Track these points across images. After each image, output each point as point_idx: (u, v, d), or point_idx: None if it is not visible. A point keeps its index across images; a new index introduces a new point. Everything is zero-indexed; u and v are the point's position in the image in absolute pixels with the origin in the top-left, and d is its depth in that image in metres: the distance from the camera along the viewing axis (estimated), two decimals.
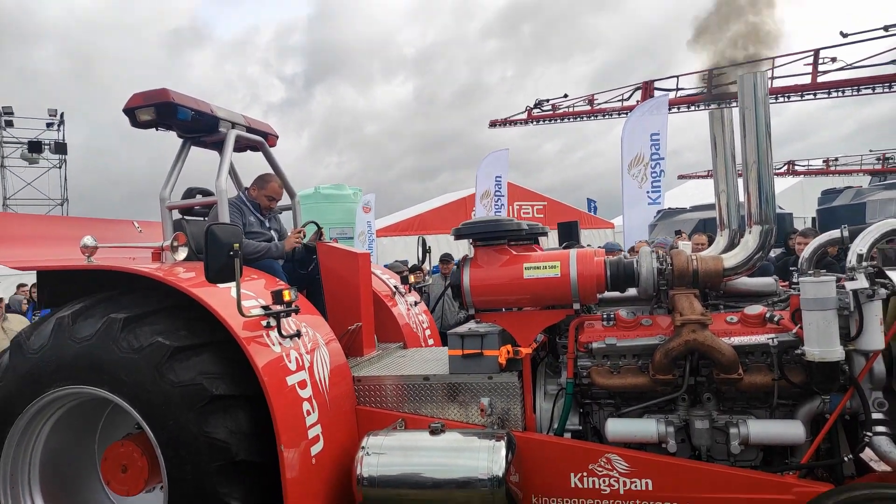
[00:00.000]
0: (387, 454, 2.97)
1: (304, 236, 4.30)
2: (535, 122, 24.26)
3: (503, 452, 2.85)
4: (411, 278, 5.09)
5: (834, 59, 14.27)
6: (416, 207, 24.36)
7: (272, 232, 4.33)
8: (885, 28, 13.06)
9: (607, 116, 20.95)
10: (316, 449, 3.00)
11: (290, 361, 3.03)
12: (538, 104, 23.46)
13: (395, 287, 5.01)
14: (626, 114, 20.36)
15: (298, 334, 3.18)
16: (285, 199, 4.56)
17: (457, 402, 3.37)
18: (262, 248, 4.05)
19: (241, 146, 4.38)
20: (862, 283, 2.67)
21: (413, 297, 5.21)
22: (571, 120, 22.85)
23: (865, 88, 14.11)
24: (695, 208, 13.59)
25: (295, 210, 4.65)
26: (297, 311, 3.21)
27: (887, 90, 13.87)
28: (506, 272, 3.29)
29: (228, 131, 4.01)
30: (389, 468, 2.93)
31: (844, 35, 14.00)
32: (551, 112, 23.27)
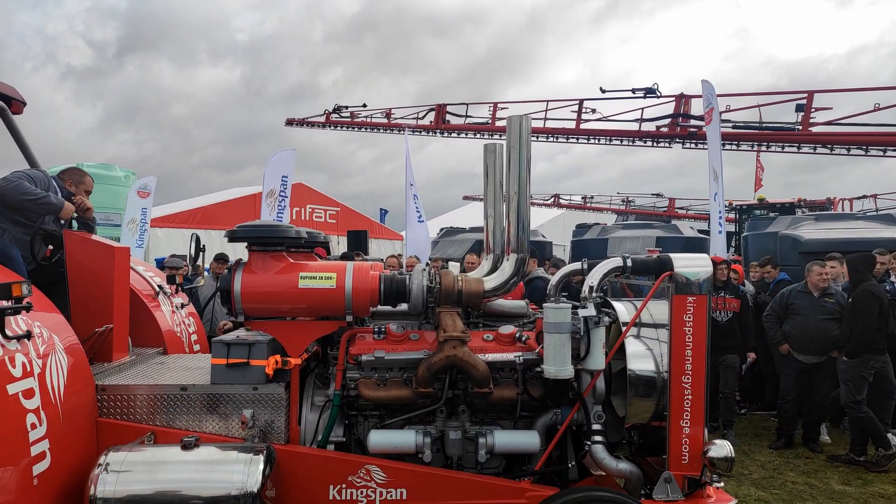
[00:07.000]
0: (129, 471, 2.69)
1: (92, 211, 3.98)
2: (332, 127, 24.12)
3: (260, 466, 2.76)
4: (178, 278, 4.72)
5: (594, 111, 16.60)
6: (201, 199, 22.41)
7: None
8: (633, 90, 15.56)
9: (401, 132, 21.60)
10: (40, 468, 2.62)
11: (13, 367, 2.61)
12: (337, 109, 23.39)
13: (158, 286, 4.60)
14: (420, 132, 21.24)
15: (28, 335, 2.76)
16: None
17: (217, 414, 3.20)
18: (37, 193, 3.55)
19: None
20: (591, 311, 3.11)
21: (180, 298, 4.84)
22: (368, 130, 23.15)
23: (615, 140, 16.63)
24: (473, 229, 14.61)
25: None
26: (28, 309, 2.79)
27: (630, 144, 16.51)
28: (280, 280, 3.21)
29: None
30: (130, 486, 2.66)
31: (603, 91, 16.37)
32: (349, 119, 23.35)
